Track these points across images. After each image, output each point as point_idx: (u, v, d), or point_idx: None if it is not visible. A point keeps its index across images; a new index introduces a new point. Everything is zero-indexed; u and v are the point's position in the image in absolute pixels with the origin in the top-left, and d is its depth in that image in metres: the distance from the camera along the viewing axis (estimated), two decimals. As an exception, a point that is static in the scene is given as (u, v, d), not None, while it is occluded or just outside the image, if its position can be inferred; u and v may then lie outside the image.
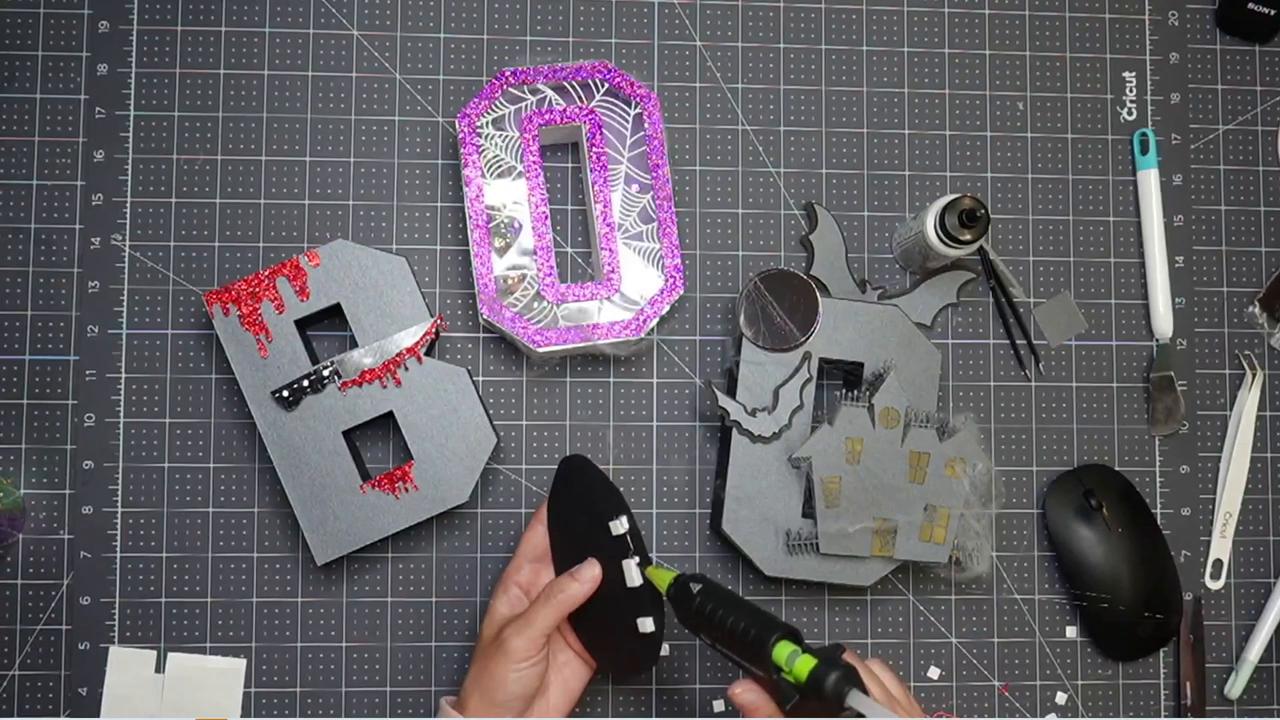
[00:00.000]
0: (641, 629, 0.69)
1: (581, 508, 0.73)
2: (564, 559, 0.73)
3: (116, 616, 0.78)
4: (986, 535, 0.78)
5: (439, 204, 0.82)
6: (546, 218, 0.78)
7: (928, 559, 0.78)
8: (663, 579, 0.68)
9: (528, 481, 0.81)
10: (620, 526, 0.70)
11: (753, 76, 0.84)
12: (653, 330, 0.79)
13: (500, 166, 0.79)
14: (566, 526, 0.73)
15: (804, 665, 0.59)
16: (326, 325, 0.79)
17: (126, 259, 0.80)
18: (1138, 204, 0.86)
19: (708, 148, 0.84)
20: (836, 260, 0.82)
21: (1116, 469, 0.84)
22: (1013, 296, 0.84)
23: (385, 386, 0.77)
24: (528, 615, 0.69)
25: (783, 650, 0.60)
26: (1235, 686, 0.83)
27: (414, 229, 0.82)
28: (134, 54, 0.81)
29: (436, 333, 0.77)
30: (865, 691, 0.57)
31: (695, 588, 0.66)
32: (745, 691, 0.63)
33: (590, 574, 0.69)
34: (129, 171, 0.81)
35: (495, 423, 0.78)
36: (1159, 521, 0.83)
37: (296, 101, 0.82)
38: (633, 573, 0.69)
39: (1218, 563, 0.84)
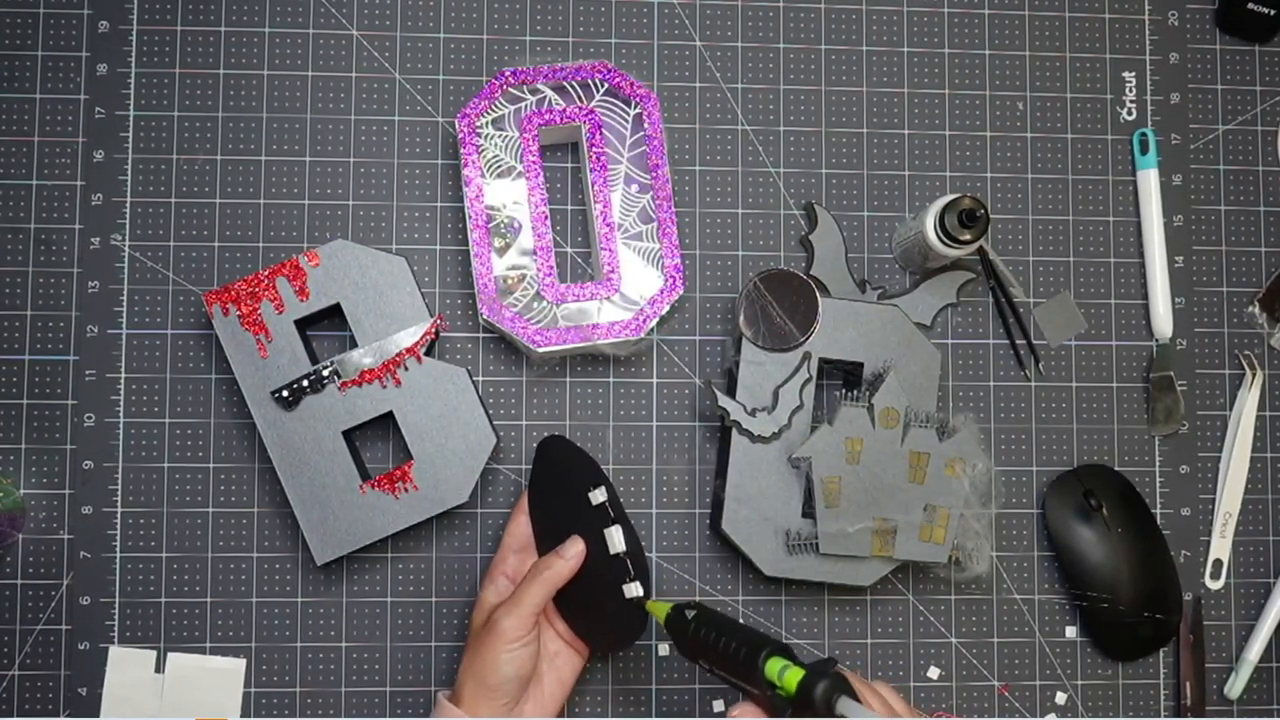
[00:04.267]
0: (628, 594, 0.71)
1: (560, 486, 0.75)
2: (548, 542, 0.74)
3: (116, 616, 0.78)
4: (986, 535, 0.78)
5: (439, 204, 0.82)
6: (546, 218, 0.78)
7: (928, 559, 0.78)
8: (660, 610, 0.69)
9: (527, 481, 0.81)
10: (599, 496, 0.72)
11: (753, 76, 0.84)
12: (653, 330, 0.79)
13: (500, 166, 0.79)
14: (547, 509, 0.75)
15: (793, 677, 0.59)
16: (326, 325, 0.79)
17: (126, 259, 0.80)
18: (1138, 204, 0.86)
19: (707, 148, 0.84)
20: (836, 260, 0.82)
21: (1116, 469, 0.84)
22: (1013, 296, 0.84)
23: (385, 386, 0.77)
24: (516, 596, 0.70)
25: (774, 666, 0.61)
26: (1235, 686, 0.83)
27: (414, 229, 0.82)
28: (134, 54, 0.81)
29: (436, 333, 0.77)
30: (855, 698, 0.57)
31: (690, 614, 0.67)
32: (744, 713, 0.63)
33: (574, 550, 0.71)
34: (129, 171, 0.81)
35: (495, 423, 0.78)
36: (1159, 521, 0.83)
37: (296, 101, 0.82)
38: (615, 539, 0.71)
39: (1217, 563, 0.84)
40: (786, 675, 0.59)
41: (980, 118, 0.86)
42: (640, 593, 0.71)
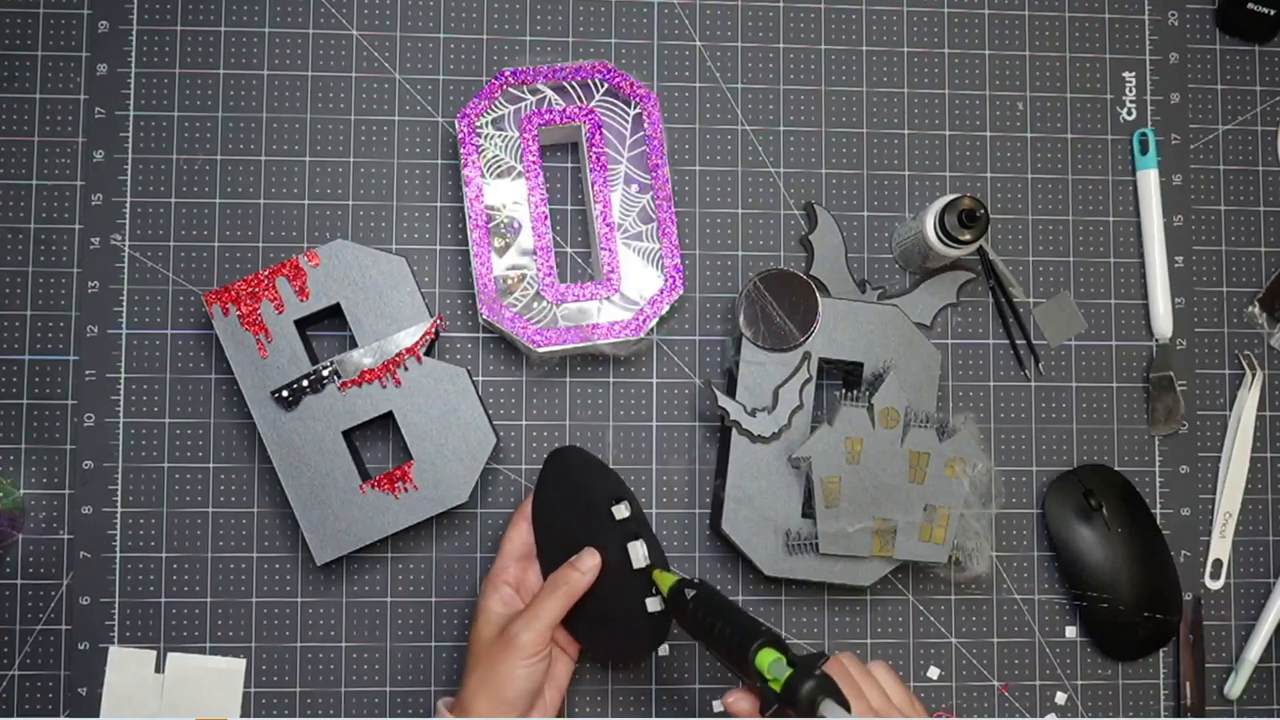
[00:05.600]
0: (650, 609, 0.71)
1: (576, 496, 0.74)
2: (555, 551, 0.73)
3: (116, 616, 0.78)
4: (986, 535, 0.78)
5: (439, 204, 0.82)
6: (546, 218, 0.78)
7: (928, 559, 0.78)
8: (665, 582, 0.70)
9: (527, 481, 0.81)
10: (623, 510, 0.72)
11: (753, 76, 0.84)
12: (652, 330, 0.79)
13: (500, 166, 0.79)
14: (557, 518, 0.74)
15: (782, 674, 0.60)
16: (326, 325, 0.79)
17: (126, 259, 0.80)
18: (1138, 204, 0.86)
19: (707, 148, 0.84)
20: (836, 260, 0.82)
21: (1116, 469, 0.84)
22: (1013, 296, 0.84)
23: (385, 386, 0.77)
24: (534, 609, 0.69)
25: (765, 658, 0.61)
26: (1235, 686, 0.83)
27: (414, 229, 0.82)
28: (134, 54, 0.81)
29: (436, 333, 0.77)
30: (841, 701, 0.58)
31: (689, 594, 0.67)
32: (738, 700, 0.64)
33: (591, 563, 0.71)
34: (129, 171, 0.81)
35: (495, 423, 0.78)
36: (1159, 521, 0.83)
37: (296, 101, 0.82)
38: (638, 554, 0.71)
39: (1217, 563, 0.84)
40: (776, 669, 0.60)
41: (980, 118, 0.86)
42: (661, 607, 0.71)
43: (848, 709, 0.58)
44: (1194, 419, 0.85)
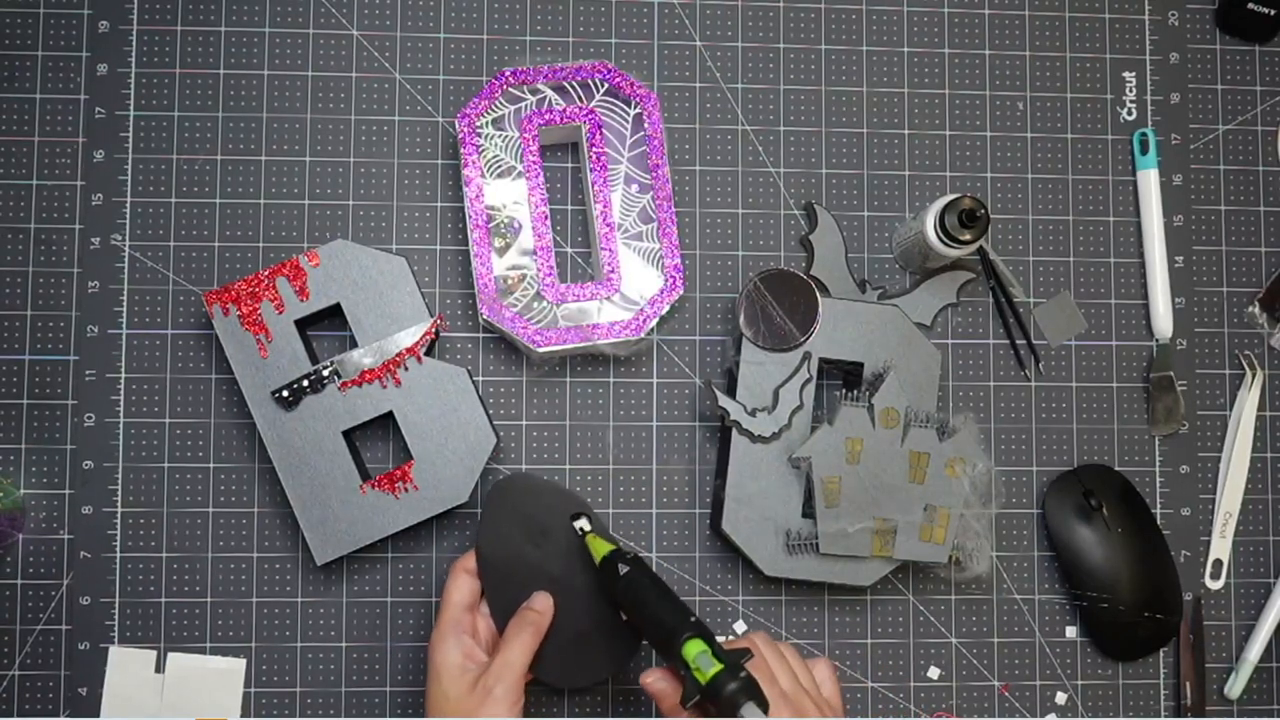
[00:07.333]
0: (625, 617, 0.71)
1: (526, 525, 0.74)
2: (511, 587, 0.72)
3: (116, 616, 0.78)
4: (986, 535, 0.78)
5: (439, 204, 0.82)
6: (546, 218, 0.78)
7: (928, 559, 0.78)
8: (599, 550, 0.70)
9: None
10: (585, 525, 0.73)
11: (753, 76, 0.84)
12: (653, 330, 0.79)
13: (500, 166, 0.79)
14: (510, 552, 0.73)
15: (709, 668, 0.60)
16: (326, 325, 0.79)
17: (126, 259, 0.80)
18: (1138, 204, 0.86)
19: (708, 148, 0.84)
20: (836, 260, 0.82)
21: (1116, 469, 0.84)
22: (1013, 296, 0.84)
23: (385, 386, 0.77)
24: (503, 659, 0.68)
25: (692, 649, 0.61)
26: (1235, 686, 0.83)
27: (414, 229, 0.82)
28: (134, 54, 0.81)
29: (436, 333, 0.77)
30: (762, 703, 0.58)
31: (622, 569, 0.67)
32: (657, 680, 0.64)
33: (545, 603, 0.71)
34: (129, 171, 0.81)
35: (495, 423, 0.78)
36: (1159, 521, 0.83)
37: (296, 101, 0.82)
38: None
39: (1218, 563, 0.84)
40: (701, 661, 0.60)
41: (980, 118, 0.86)
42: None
43: (766, 710, 0.58)
44: (1194, 419, 0.85)
